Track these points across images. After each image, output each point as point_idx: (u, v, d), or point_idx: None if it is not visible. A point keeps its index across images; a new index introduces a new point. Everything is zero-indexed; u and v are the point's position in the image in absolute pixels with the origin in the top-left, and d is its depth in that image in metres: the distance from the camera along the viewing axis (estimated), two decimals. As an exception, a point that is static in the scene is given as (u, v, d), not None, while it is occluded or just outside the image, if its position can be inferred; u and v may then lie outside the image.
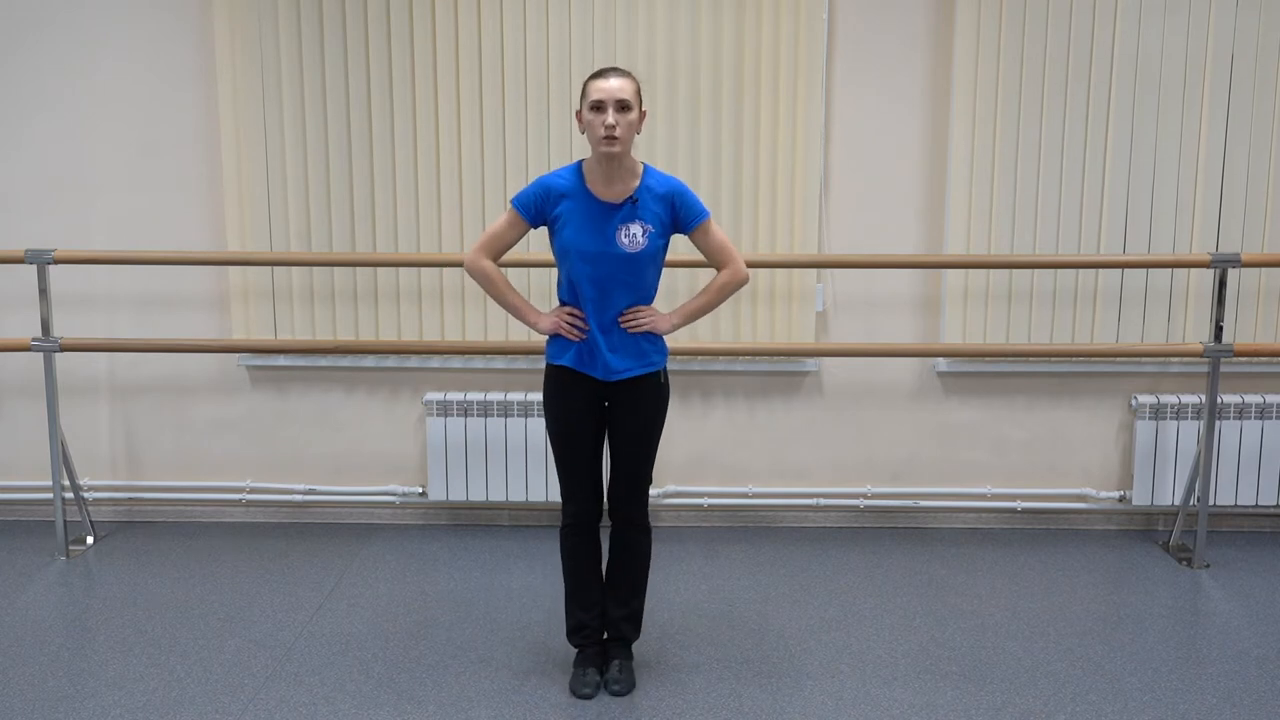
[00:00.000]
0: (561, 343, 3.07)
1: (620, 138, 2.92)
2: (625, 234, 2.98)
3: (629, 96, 2.94)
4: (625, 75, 2.98)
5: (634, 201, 2.99)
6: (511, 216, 3.07)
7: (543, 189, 3.04)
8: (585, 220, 2.99)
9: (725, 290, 3.14)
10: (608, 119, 2.91)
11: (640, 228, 2.99)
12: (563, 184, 3.02)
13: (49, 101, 4.36)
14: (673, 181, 3.07)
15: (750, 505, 4.55)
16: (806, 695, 3.17)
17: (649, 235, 2.99)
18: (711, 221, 3.09)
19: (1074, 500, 4.51)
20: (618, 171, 3.00)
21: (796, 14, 4.18)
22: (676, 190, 3.04)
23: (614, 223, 2.98)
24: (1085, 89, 4.21)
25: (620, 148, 2.93)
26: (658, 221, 3.01)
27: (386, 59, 4.24)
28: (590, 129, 2.96)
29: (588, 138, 2.98)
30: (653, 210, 3.01)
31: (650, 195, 3.01)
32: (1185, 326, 4.31)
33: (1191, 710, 3.09)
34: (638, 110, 2.98)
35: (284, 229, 4.35)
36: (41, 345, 4.15)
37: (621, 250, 2.97)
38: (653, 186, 3.02)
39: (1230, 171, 4.24)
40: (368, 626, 3.61)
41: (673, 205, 3.03)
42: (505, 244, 3.11)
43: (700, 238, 3.09)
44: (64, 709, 3.09)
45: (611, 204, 2.99)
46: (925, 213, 4.36)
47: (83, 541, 4.35)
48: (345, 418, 4.54)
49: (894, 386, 4.47)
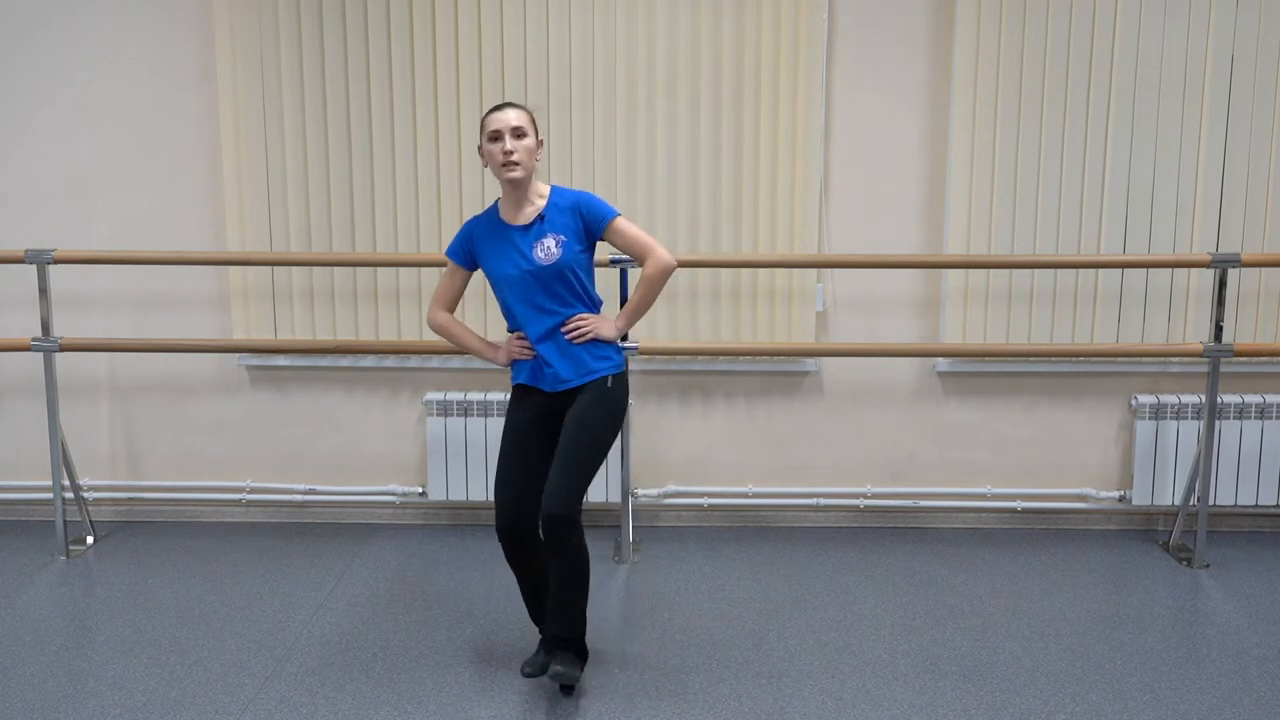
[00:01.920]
0: (519, 364, 3.24)
1: (520, 162, 3.08)
2: (540, 249, 3.11)
3: (524, 124, 3.10)
4: (519, 107, 3.15)
5: (541, 218, 3.13)
6: (450, 267, 3.29)
7: (465, 235, 3.25)
8: (502, 247, 3.16)
9: (655, 281, 3.21)
10: (505, 145, 3.07)
11: (553, 239, 3.12)
12: (479, 224, 3.23)
13: (49, 101, 4.36)
14: (578, 193, 3.22)
15: (750, 505, 4.55)
16: (806, 695, 3.17)
17: (563, 244, 3.11)
18: (621, 219, 3.19)
19: (1074, 500, 4.51)
20: (524, 196, 3.16)
21: (796, 14, 4.18)
22: (582, 198, 3.19)
23: (529, 241, 3.13)
24: (1085, 89, 4.21)
25: (521, 172, 3.09)
26: (569, 231, 3.13)
27: (386, 59, 4.24)
28: (491, 159, 3.12)
29: (491, 169, 3.15)
30: (562, 222, 3.14)
31: (557, 210, 3.15)
32: (1185, 326, 4.31)
33: (1191, 710, 3.09)
34: (534, 138, 3.12)
35: (284, 229, 4.35)
36: (41, 345, 4.15)
37: (538, 264, 3.10)
38: (558, 202, 3.17)
39: (1230, 171, 4.24)
40: (368, 626, 3.61)
41: (580, 213, 3.16)
42: (453, 293, 3.32)
43: (614, 236, 3.19)
44: (64, 709, 3.09)
45: (521, 226, 3.15)
46: (925, 213, 4.36)
47: (83, 541, 4.35)
48: (345, 418, 4.54)
49: (894, 386, 4.47)
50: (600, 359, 3.18)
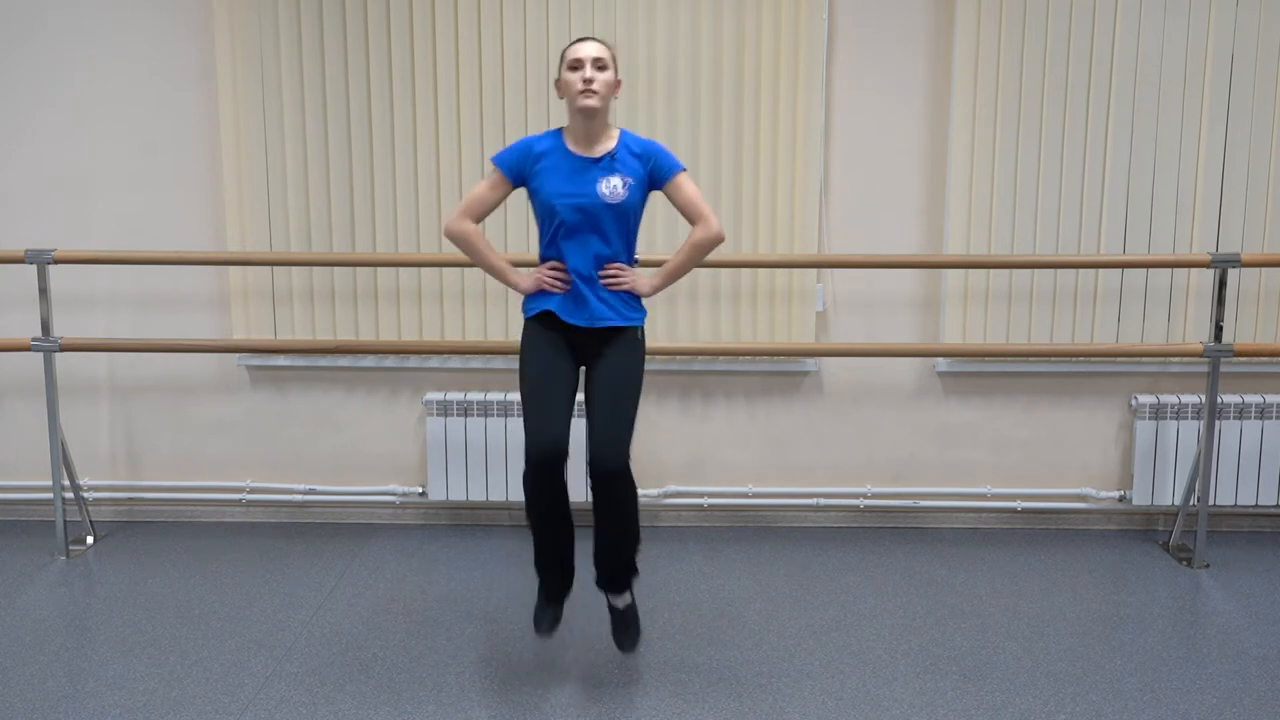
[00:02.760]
0: (541, 296, 3.12)
1: (598, 91, 3.00)
2: (606, 185, 3.04)
3: (605, 57, 3.04)
4: (600, 41, 3.08)
5: (612, 156, 3.06)
6: (493, 177, 3.12)
7: (524, 147, 3.11)
8: (567, 172, 3.05)
9: (700, 248, 3.16)
10: (586, 73, 2.99)
11: (620, 179, 3.05)
12: (543, 142, 3.11)
13: (49, 101, 4.36)
14: (649, 140, 3.15)
15: (750, 505, 4.55)
16: (806, 695, 3.17)
17: (629, 187, 3.05)
18: (686, 176, 3.13)
19: (1074, 500, 4.51)
20: (595, 130, 3.07)
21: (796, 14, 4.19)
22: (653, 146, 3.13)
23: (594, 174, 3.05)
24: (1085, 89, 4.21)
25: (597, 101, 3.00)
26: (636, 176, 3.07)
27: (386, 59, 4.24)
28: (567, 88, 3.04)
29: (566, 101, 3.07)
30: (630, 165, 3.07)
31: (627, 152, 3.09)
32: (1185, 326, 4.31)
33: (1191, 710, 3.09)
34: (614, 74, 3.06)
35: (284, 229, 4.35)
36: (41, 345, 4.15)
37: (602, 200, 3.03)
38: (629, 144, 3.10)
39: (1230, 171, 4.24)
40: (368, 626, 3.61)
41: (649, 159, 3.09)
42: (486, 206, 3.14)
43: (674, 191, 3.13)
44: (64, 709, 3.09)
45: (591, 158, 3.06)
46: (925, 213, 4.36)
47: (83, 541, 4.35)
48: (345, 418, 4.54)
49: (894, 386, 4.47)
50: (633, 309, 3.13)
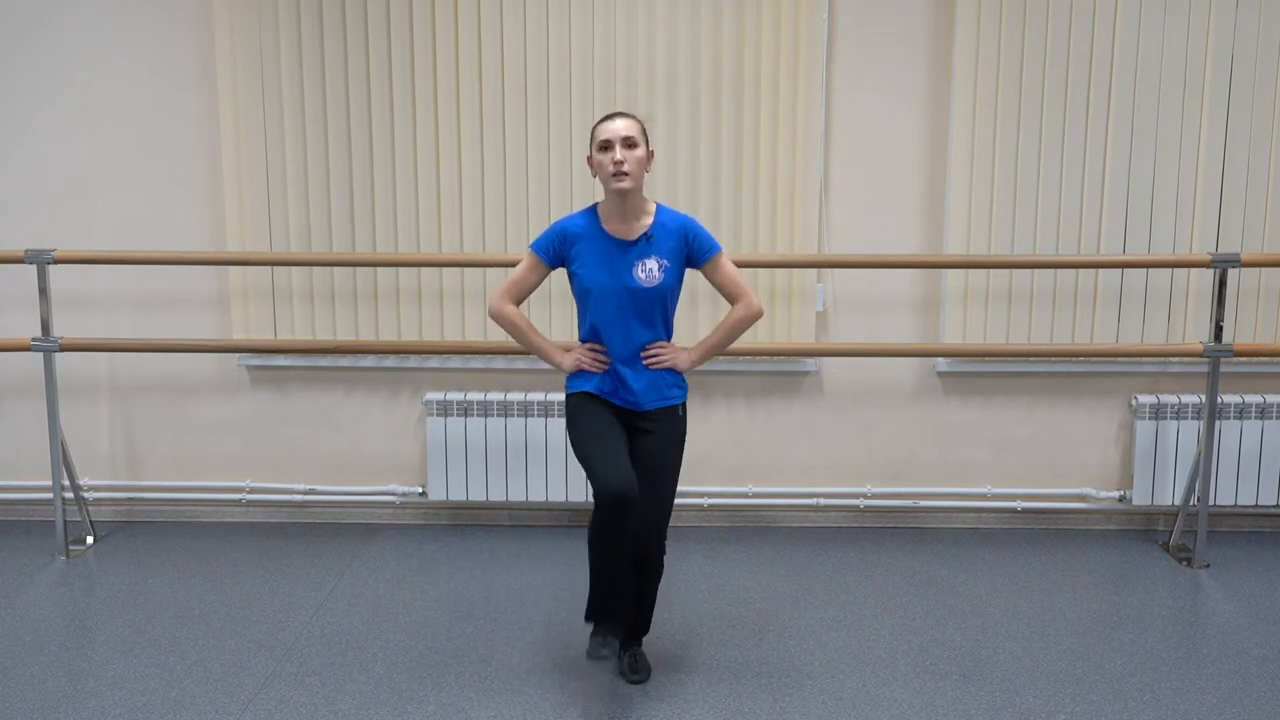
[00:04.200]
0: (583, 375, 3.14)
1: (630, 173, 2.99)
2: (642, 269, 3.04)
3: (635, 134, 3.02)
4: (630, 117, 3.07)
5: (649, 238, 3.06)
6: (531, 261, 3.14)
7: (559, 232, 3.12)
8: (602, 258, 3.06)
9: (740, 325, 3.18)
10: (615, 155, 2.98)
11: (656, 263, 3.05)
12: (578, 226, 3.10)
13: (49, 101, 4.36)
14: (685, 217, 3.14)
15: (750, 505, 4.55)
16: (806, 695, 3.17)
17: (665, 270, 3.05)
18: (724, 255, 3.15)
19: (1074, 500, 4.51)
20: (631, 209, 3.06)
21: (796, 14, 4.18)
22: (689, 225, 3.12)
23: (630, 258, 3.05)
24: (1085, 89, 4.21)
25: (630, 183, 3.00)
26: (672, 256, 3.07)
27: (386, 59, 4.24)
28: (600, 169, 3.03)
29: (600, 180, 3.06)
30: (667, 245, 3.07)
31: (664, 231, 3.08)
32: (1185, 326, 4.31)
33: (1191, 710, 3.09)
34: (645, 148, 3.05)
35: (284, 229, 4.35)
36: (41, 345, 4.15)
37: (639, 285, 3.04)
38: (666, 223, 3.09)
39: (1230, 171, 4.24)
40: (368, 626, 3.61)
41: (686, 239, 3.09)
42: (527, 288, 3.17)
43: (712, 272, 3.14)
44: (64, 709, 3.09)
45: (627, 241, 3.06)
46: (925, 213, 4.36)
47: (83, 541, 4.35)
48: (345, 418, 4.54)
49: (894, 386, 4.47)
50: (675, 386, 3.15)
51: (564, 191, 4.25)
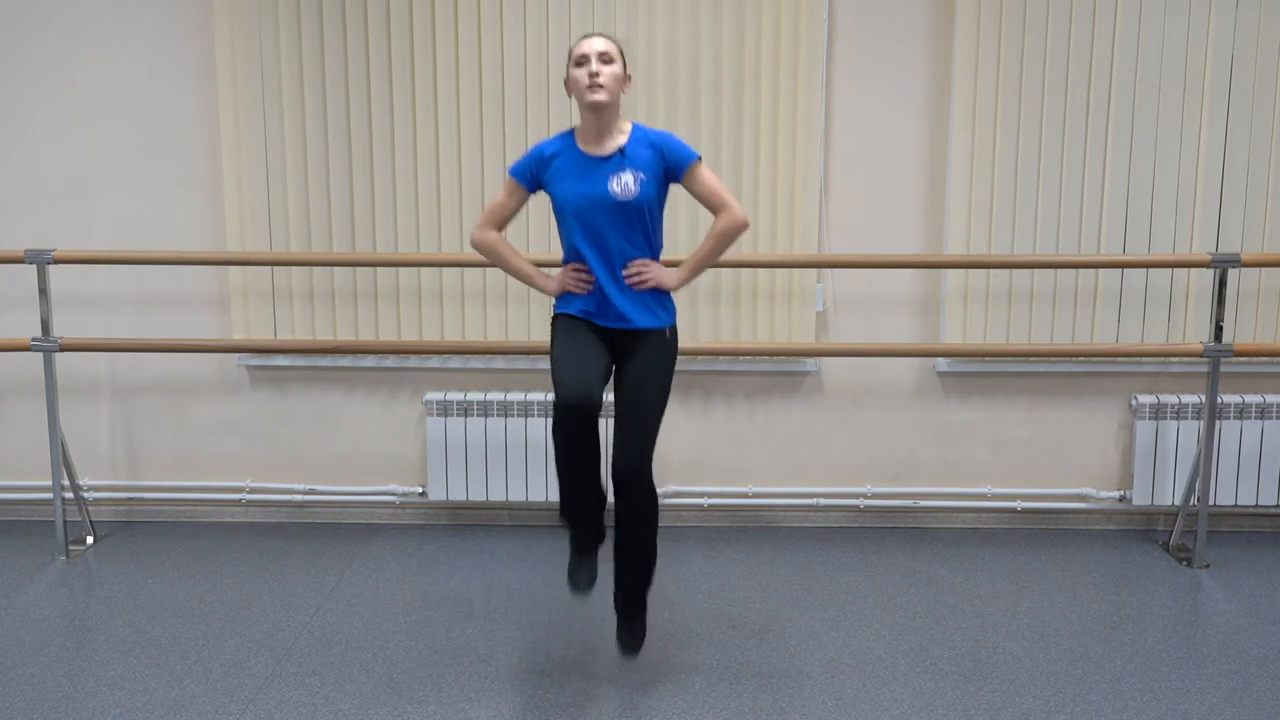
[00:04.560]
0: (569, 296, 3.12)
1: (605, 85, 2.99)
2: (617, 182, 3.02)
3: (612, 51, 3.03)
4: (607, 36, 3.07)
5: (623, 152, 3.05)
6: (509, 185, 3.16)
7: (535, 153, 3.14)
8: (578, 173, 3.05)
9: (725, 236, 3.13)
10: (592, 67, 2.99)
11: (631, 175, 3.03)
12: (553, 145, 3.12)
13: (49, 101, 4.36)
14: (661, 132, 3.13)
15: (750, 505, 4.55)
16: (806, 695, 3.17)
17: (640, 183, 3.03)
18: (702, 165, 3.11)
19: (1074, 500, 4.51)
20: (606, 126, 3.06)
21: (796, 14, 4.18)
22: (664, 137, 3.10)
23: (604, 172, 3.03)
24: (1085, 89, 4.21)
25: (606, 96, 2.99)
26: (649, 169, 3.05)
27: (386, 59, 4.24)
28: (576, 84, 3.03)
29: (575, 98, 3.06)
30: (643, 158, 3.05)
31: (639, 145, 3.07)
32: (1185, 326, 4.31)
33: (1192, 710, 3.09)
34: (622, 67, 3.05)
35: (284, 229, 4.35)
36: (41, 345, 4.15)
37: (614, 198, 3.02)
38: (640, 138, 3.08)
39: (1230, 171, 4.24)
40: (368, 626, 3.61)
41: (662, 152, 3.07)
42: (507, 214, 3.19)
43: (692, 182, 3.11)
44: (64, 709, 3.09)
45: (601, 156, 3.05)
46: (925, 213, 4.36)
47: (83, 541, 4.35)
48: (345, 418, 4.54)
49: (894, 386, 4.47)
50: (662, 308, 3.11)
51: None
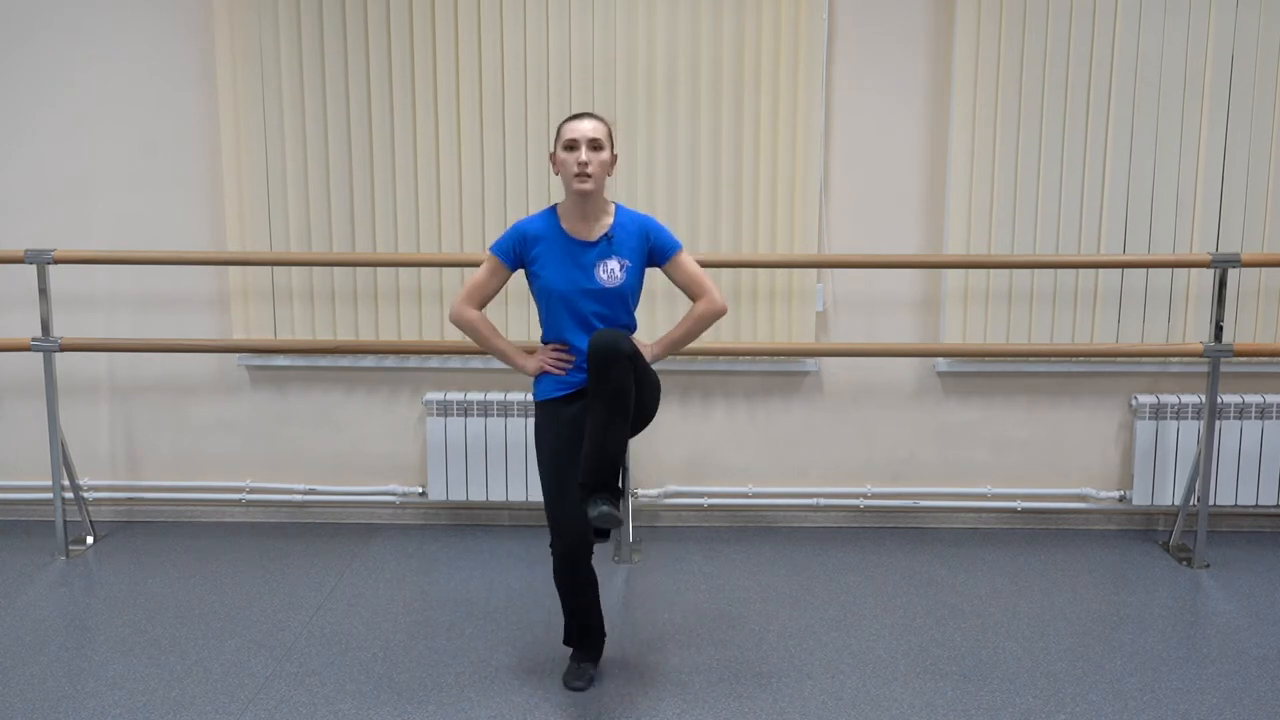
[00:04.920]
0: (548, 380, 3.13)
1: (593, 175, 3.01)
2: (604, 269, 3.06)
3: (601, 136, 3.04)
4: (597, 118, 3.07)
5: (609, 238, 3.07)
6: (491, 264, 3.15)
7: (518, 234, 3.13)
8: (563, 259, 3.07)
9: (703, 320, 3.20)
10: (580, 156, 2.99)
11: (618, 263, 3.06)
12: (537, 227, 3.12)
13: (49, 101, 4.36)
14: (645, 217, 3.17)
15: (750, 505, 4.55)
16: (806, 695, 3.17)
17: (626, 270, 3.07)
18: (684, 254, 3.18)
19: (1074, 500, 4.51)
20: (591, 210, 3.08)
21: (796, 14, 4.18)
22: (649, 225, 3.15)
23: (591, 259, 3.06)
24: (1085, 89, 4.21)
25: (593, 185, 3.02)
26: (634, 256, 3.09)
27: (386, 59, 4.24)
28: (564, 167, 3.05)
29: (561, 178, 3.08)
30: (628, 245, 3.09)
31: (624, 231, 3.10)
32: (1185, 326, 4.31)
33: (1192, 710, 3.09)
34: (609, 151, 3.07)
35: (284, 229, 4.35)
36: (41, 345, 4.15)
37: (601, 285, 3.05)
38: (626, 224, 3.11)
39: (1230, 171, 4.24)
40: (368, 626, 3.61)
41: (647, 238, 3.11)
42: (488, 292, 3.18)
43: (674, 270, 3.17)
44: (64, 709, 3.09)
45: (588, 241, 3.07)
46: (925, 213, 4.36)
47: (83, 541, 4.35)
48: (345, 418, 4.54)
49: (894, 386, 4.47)
50: None
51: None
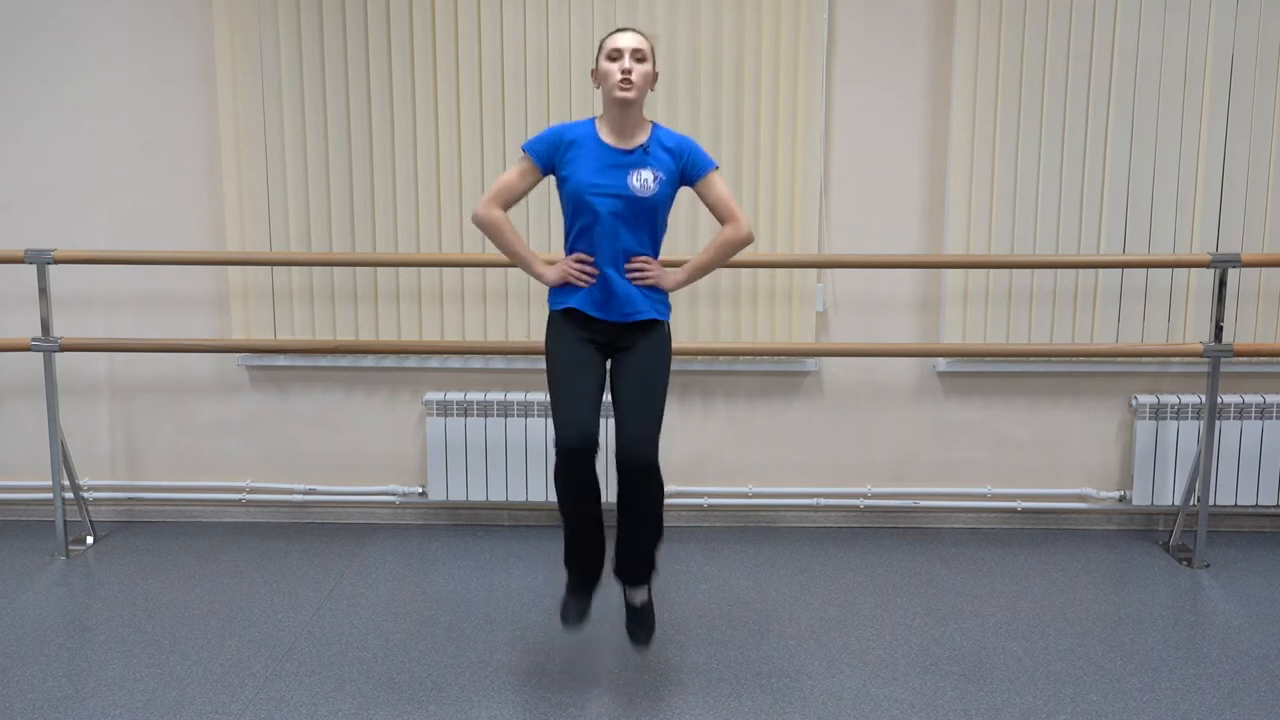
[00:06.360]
0: (568, 290, 3.09)
1: (635, 84, 2.99)
2: (637, 178, 3.02)
3: (645, 49, 3.03)
4: (640, 33, 3.07)
5: (645, 149, 3.05)
6: (523, 164, 3.09)
7: (555, 134, 3.09)
8: (598, 163, 3.03)
9: (728, 247, 3.15)
10: (625, 63, 2.99)
11: (651, 173, 3.03)
12: (575, 131, 3.09)
13: (49, 101, 4.36)
14: (682, 136, 3.13)
15: (750, 505, 4.55)
16: (806, 695, 3.17)
17: (659, 182, 3.04)
18: (718, 174, 3.12)
19: (1074, 500, 4.51)
20: (630, 122, 3.05)
21: (796, 13, 4.19)
22: (685, 142, 3.11)
23: (625, 167, 3.03)
24: (1085, 88, 4.21)
25: (634, 94, 3.00)
26: (667, 170, 3.06)
27: (386, 59, 4.24)
28: (605, 78, 3.03)
29: (601, 90, 3.06)
30: (662, 159, 3.06)
31: (660, 146, 3.07)
32: (1185, 326, 4.31)
33: (1191, 710, 3.09)
34: (652, 66, 3.05)
35: (284, 229, 4.35)
36: (41, 345, 4.15)
37: (633, 193, 3.02)
38: (662, 139, 3.09)
39: (1230, 171, 4.24)
40: (368, 626, 3.61)
41: (682, 155, 3.08)
42: (516, 194, 3.11)
43: (705, 189, 3.11)
44: (64, 709, 3.09)
45: (623, 150, 3.05)
46: (925, 213, 4.36)
47: (83, 541, 4.35)
48: (345, 418, 4.54)
49: (894, 386, 4.47)
50: (663, 303, 3.12)
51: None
